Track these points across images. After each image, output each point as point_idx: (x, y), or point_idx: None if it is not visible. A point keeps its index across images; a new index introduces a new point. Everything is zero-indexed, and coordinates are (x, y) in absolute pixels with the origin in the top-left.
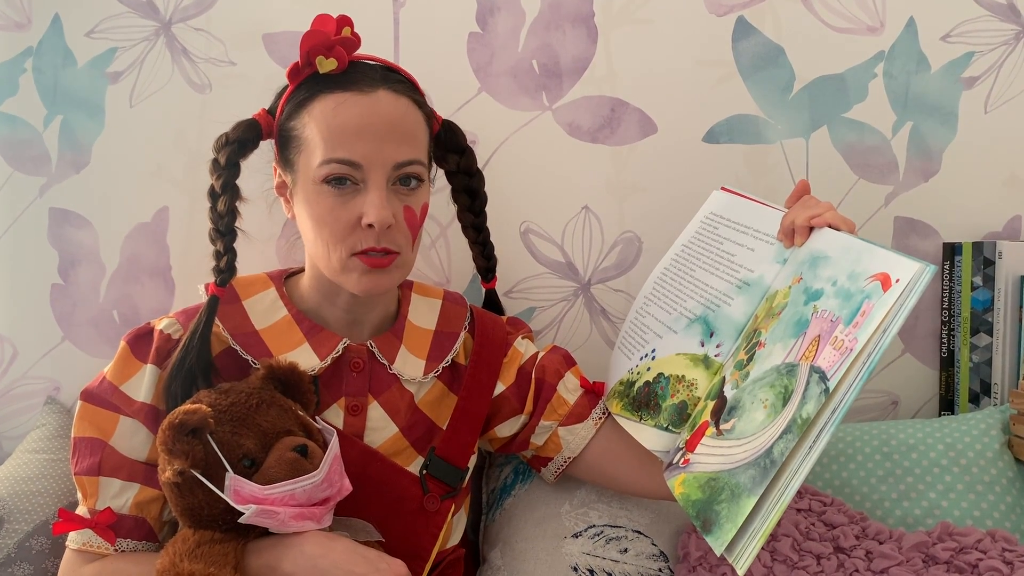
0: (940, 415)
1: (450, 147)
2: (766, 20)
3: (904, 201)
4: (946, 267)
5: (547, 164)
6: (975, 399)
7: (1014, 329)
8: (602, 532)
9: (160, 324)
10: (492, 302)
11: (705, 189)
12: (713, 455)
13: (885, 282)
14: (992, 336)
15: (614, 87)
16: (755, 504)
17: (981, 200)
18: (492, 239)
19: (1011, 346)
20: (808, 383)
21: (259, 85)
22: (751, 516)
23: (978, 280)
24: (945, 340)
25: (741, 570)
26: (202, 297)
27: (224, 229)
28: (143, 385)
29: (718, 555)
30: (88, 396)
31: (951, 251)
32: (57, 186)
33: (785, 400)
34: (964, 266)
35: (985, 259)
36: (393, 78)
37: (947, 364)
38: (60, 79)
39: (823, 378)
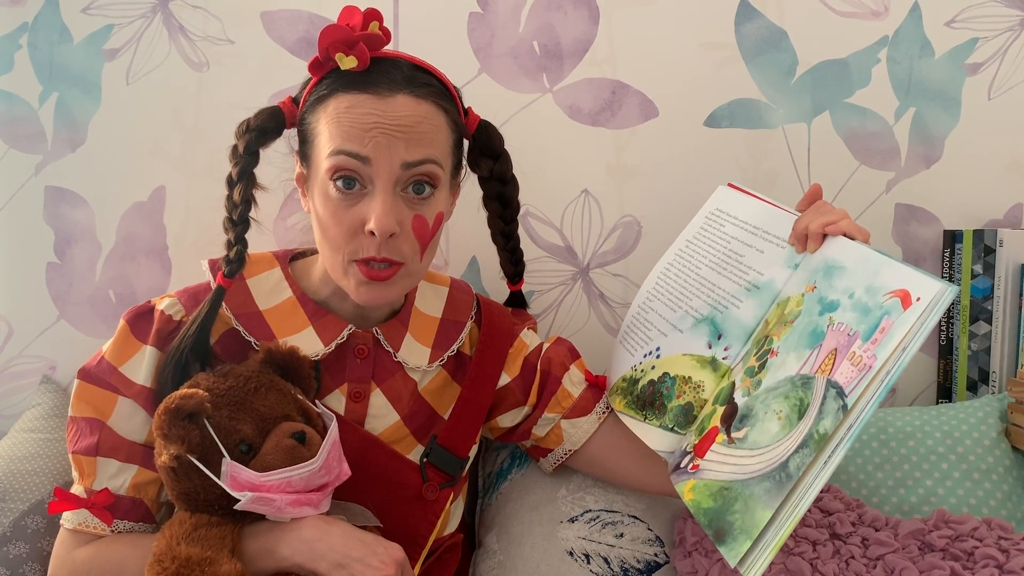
0: (938, 403)
1: (484, 150)
2: (769, 3)
3: (905, 188)
4: (946, 254)
5: (547, 147)
6: (973, 387)
7: (1013, 317)
8: (598, 517)
9: (161, 304)
10: (516, 302)
11: (706, 173)
12: (725, 463)
13: (905, 299)
14: (991, 324)
15: (615, 69)
16: (770, 517)
17: (983, 187)
18: None
19: (1010, 334)
20: (825, 398)
21: (257, 64)
22: (764, 528)
23: (978, 268)
24: (944, 328)
25: None
26: (205, 274)
27: (238, 219)
28: (142, 367)
29: (732, 567)
30: (86, 375)
31: (951, 238)
32: (53, 164)
33: (800, 413)
34: (964, 254)
35: (986, 247)
36: (419, 80)
37: (945, 352)
38: (56, 56)
39: (840, 394)
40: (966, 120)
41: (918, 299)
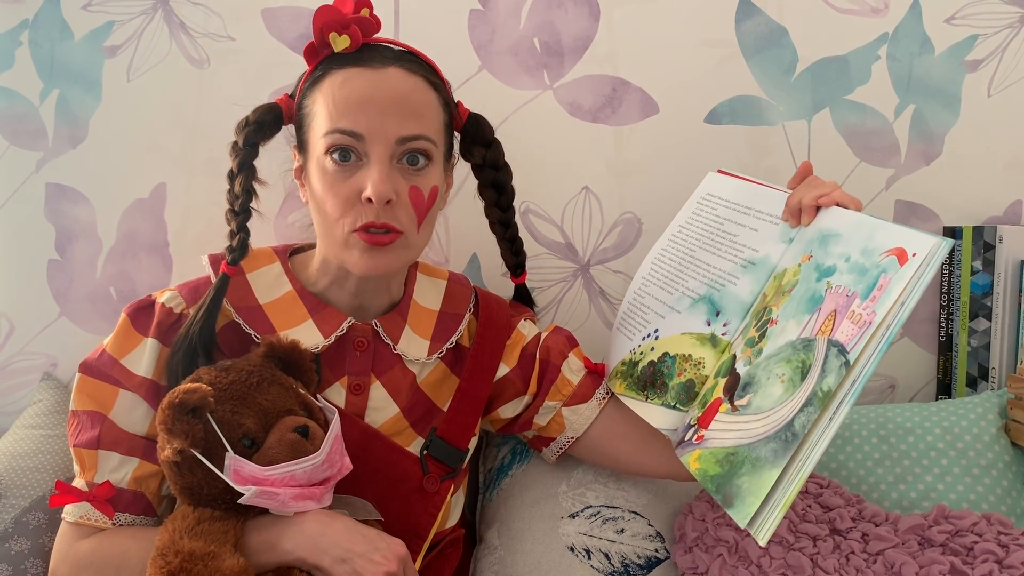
0: (937, 399)
1: (476, 140)
2: (769, 0)
3: (905, 184)
4: None
5: (547, 144)
6: (972, 383)
7: (1013, 314)
8: (599, 512)
9: (162, 297)
10: (522, 296)
11: (706, 170)
12: (729, 430)
13: (901, 256)
14: (991, 321)
15: (616, 66)
16: (777, 476)
17: (982, 184)
18: None
19: (1009, 331)
20: (827, 356)
21: (258, 60)
22: (772, 488)
23: (978, 264)
24: (944, 324)
25: (762, 540)
26: (205, 269)
27: (239, 209)
28: (144, 359)
29: (742, 528)
30: (87, 368)
31: (951, 235)
32: (54, 161)
33: (803, 374)
34: (964, 250)
35: (985, 243)
36: (408, 58)
37: (945, 348)
38: (57, 52)
39: (842, 351)
40: (966, 117)
41: (914, 254)
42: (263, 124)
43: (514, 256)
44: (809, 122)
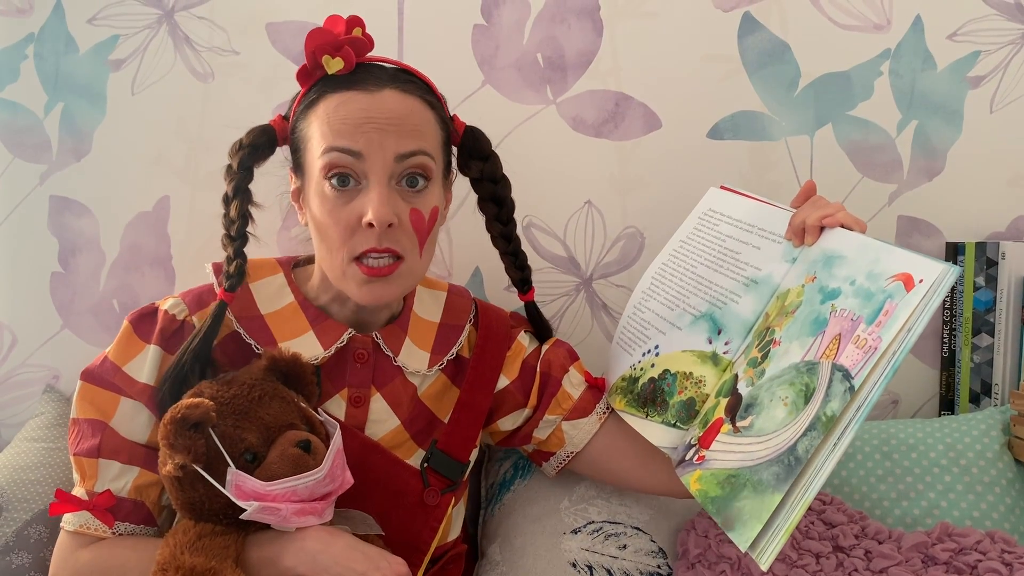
0: (940, 415)
1: (474, 153)
2: (772, 16)
3: (908, 200)
4: None
5: (550, 158)
6: (975, 399)
7: (1016, 330)
8: (601, 528)
9: (165, 304)
10: (534, 316)
11: (709, 185)
12: (731, 452)
13: (907, 282)
14: (994, 337)
15: (619, 81)
16: (779, 501)
17: (985, 200)
18: None
19: (1012, 347)
20: (831, 381)
21: (262, 75)
22: (774, 513)
23: (980, 280)
24: (946, 340)
25: (764, 565)
26: (209, 277)
27: (235, 234)
28: (146, 366)
29: (743, 551)
30: (89, 376)
31: (954, 251)
32: (58, 174)
33: (807, 398)
34: (967, 266)
35: (988, 259)
36: (403, 78)
37: (948, 364)
38: (61, 66)
39: (847, 376)
40: (968, 133)
41: (920, 281)
42: (257, 147)
43: (518, 271)
44: (811, 138)
